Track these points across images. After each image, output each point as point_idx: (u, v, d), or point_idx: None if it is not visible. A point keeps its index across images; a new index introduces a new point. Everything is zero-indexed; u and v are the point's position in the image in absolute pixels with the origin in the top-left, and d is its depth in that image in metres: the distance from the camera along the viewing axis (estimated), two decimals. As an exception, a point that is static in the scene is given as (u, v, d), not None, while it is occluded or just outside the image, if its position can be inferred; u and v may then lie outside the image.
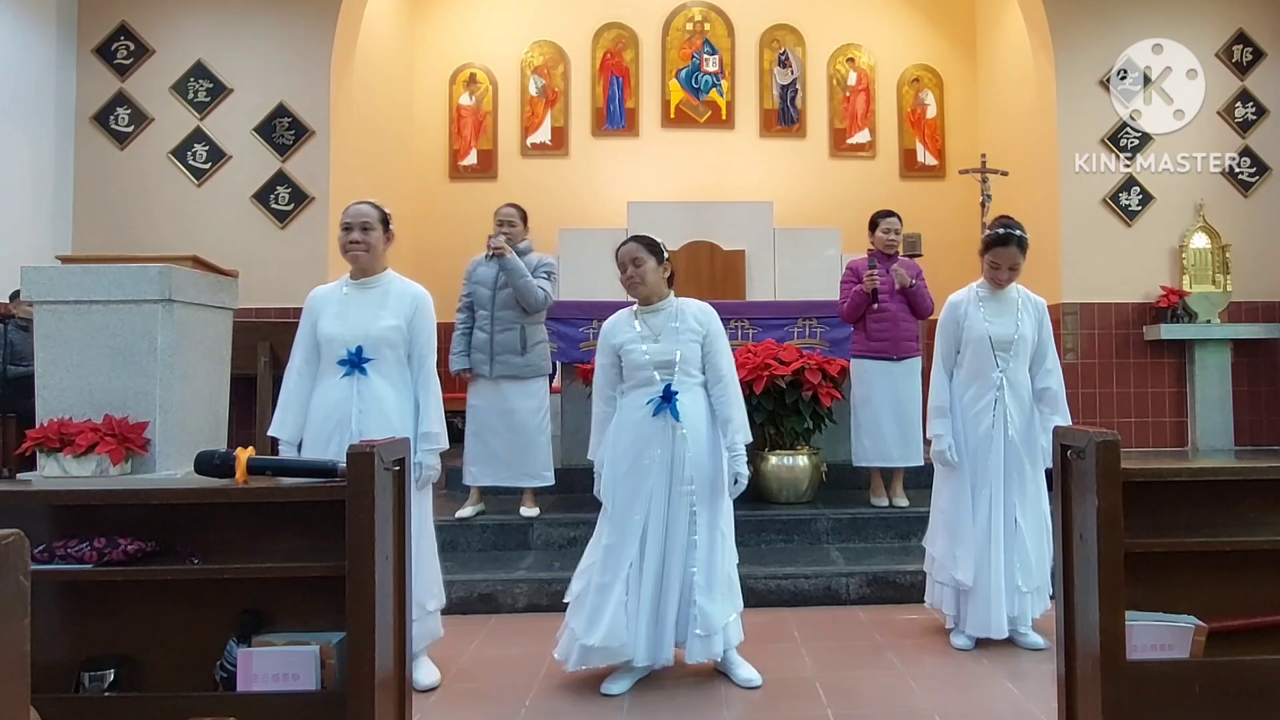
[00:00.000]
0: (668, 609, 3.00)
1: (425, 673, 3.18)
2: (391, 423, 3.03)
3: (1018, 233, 3.43)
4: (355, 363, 3.06)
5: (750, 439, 3.15)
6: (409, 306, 3.14)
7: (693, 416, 3.07)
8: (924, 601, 3.71)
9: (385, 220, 3.17)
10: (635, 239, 3.15)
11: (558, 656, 3.12)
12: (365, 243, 3.10)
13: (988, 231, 3.50)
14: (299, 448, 3.10)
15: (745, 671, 3.13)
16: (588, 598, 3.04)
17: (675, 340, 3.07)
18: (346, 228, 3.12)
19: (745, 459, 3.09)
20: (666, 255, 3.16)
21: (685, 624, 3.02)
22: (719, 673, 3.18)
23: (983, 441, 3.44)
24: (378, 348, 3.07)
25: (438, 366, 3.27)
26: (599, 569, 3.05)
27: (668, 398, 3.04)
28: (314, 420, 3.08)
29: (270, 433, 3.13)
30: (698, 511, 3.04)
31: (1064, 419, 3.38)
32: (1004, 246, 3.41)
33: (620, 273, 3.14)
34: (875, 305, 4.70)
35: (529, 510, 4.75)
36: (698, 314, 3.14)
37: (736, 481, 3.07)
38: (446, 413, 3.43)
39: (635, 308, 3.18)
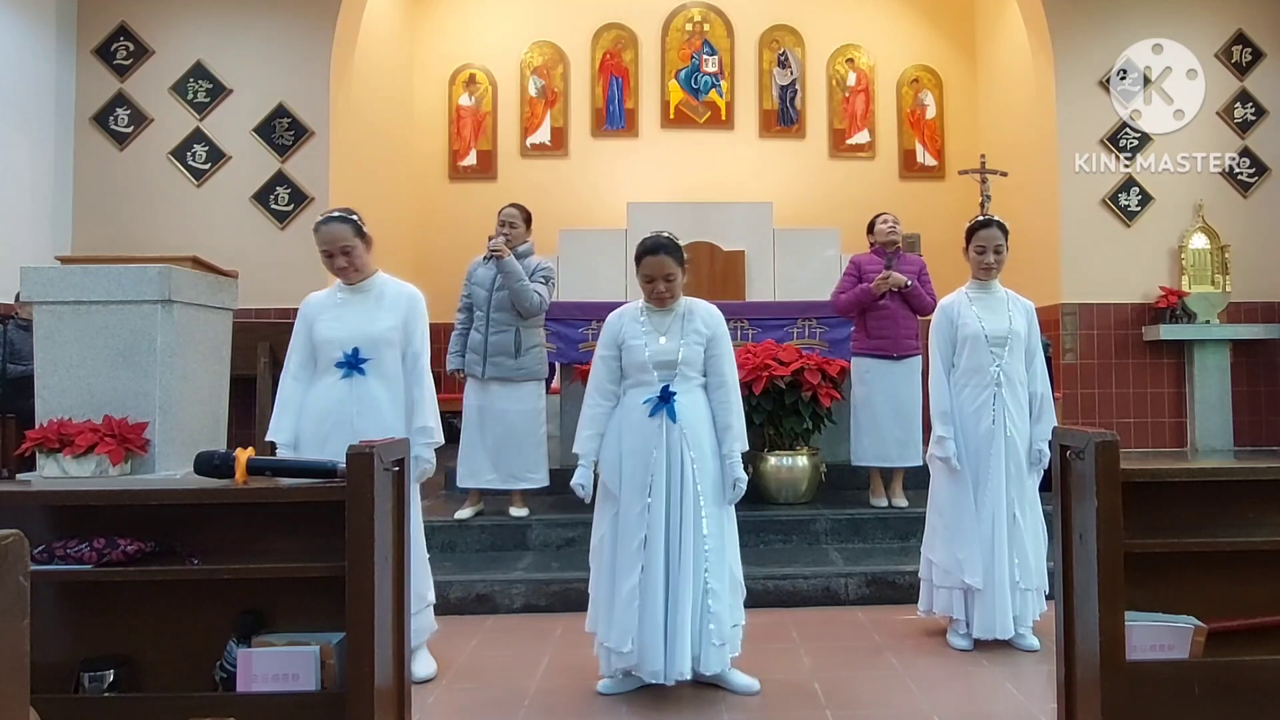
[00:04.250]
0: (683, 619, 2.90)
1: (423, 664, 3.21)
2: (387, 422, 3.07)
3: (995, 218, 3.64)
4: (353, 364, 3.09)
5: (747, 447, 3.10)
6: (404, 306, 3.18)
7: (691, 418, 3.01)
8: (918, 609, 3.65)
9: (360, 231, 3.14)
10: (663, 249, 3.01)
11: (602, 673, 3.09)
12: (351, 264, 3.13)
13: (967, 225, 3.66)
14: (295, 450, 3.11)
15: (741, 680, 3.08)
16: (603, 604, 3.01)
17: (679, 340, 3.02)
18: (328, 254, 3.11)
19: (742, 465, 3.06)
20: (686, 258, 3.10)
21: (702, 636, 2.94)
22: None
23: (984, 440, 3.45)
24: (376, 348, 3.11)
25: (430, 366, 3.27)
26: (607, 574, 3.01)
27: (665, 398, 2.99)
28: (310, 420, 3.09)
29: (268, 437, 3.14)
30: (706, 515, 2.97)
31: (1050, 423, 3.42)
32: (986, 229, 3.58)
33: (645, 284, 3.03)
34: (884, 295, 4.69)
35: (518, 511, 4.74)
36: (705, 316, 3.09)
37: (735, 487, 3.02)
38: (444, 413, 3.43)
39: (642, 303, 3.12)
